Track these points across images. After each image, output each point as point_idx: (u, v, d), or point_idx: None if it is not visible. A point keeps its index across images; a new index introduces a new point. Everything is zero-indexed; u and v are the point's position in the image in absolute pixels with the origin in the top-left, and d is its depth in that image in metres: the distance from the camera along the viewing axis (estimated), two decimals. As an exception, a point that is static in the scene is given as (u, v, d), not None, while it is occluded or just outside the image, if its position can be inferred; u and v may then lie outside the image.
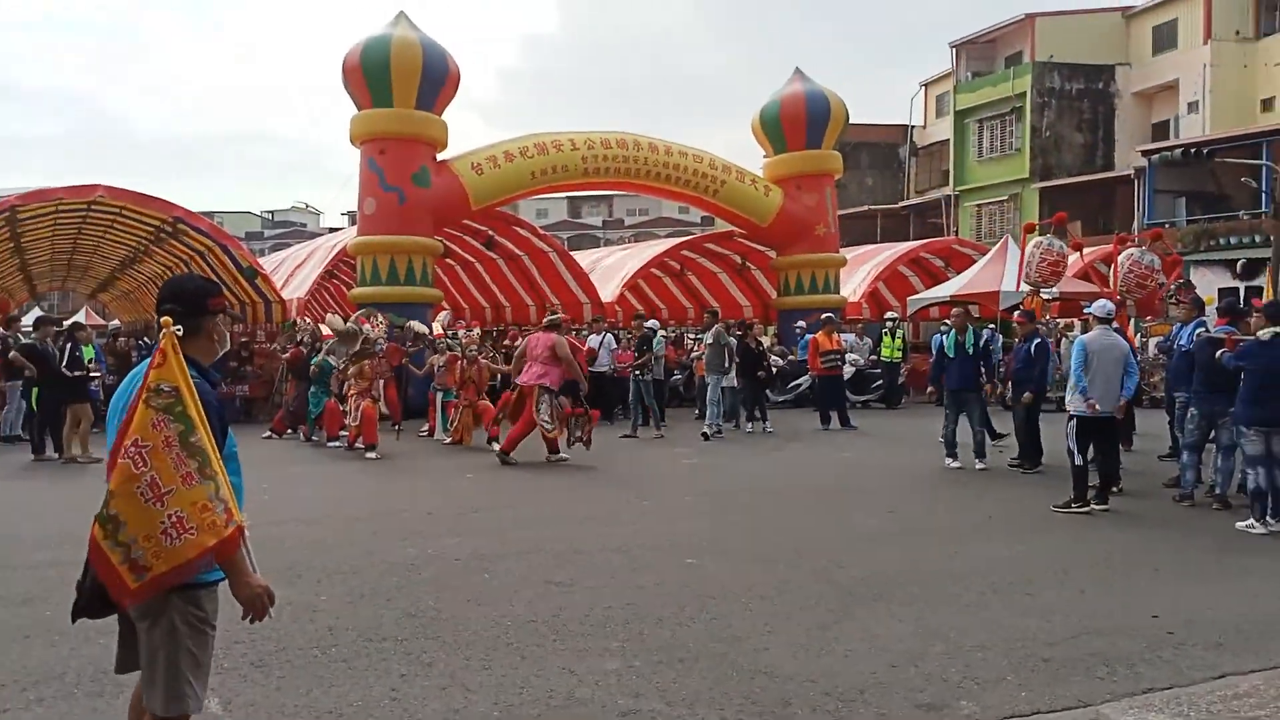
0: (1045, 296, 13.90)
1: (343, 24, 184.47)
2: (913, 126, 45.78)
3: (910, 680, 4.80)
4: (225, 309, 3.38)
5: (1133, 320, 15.14)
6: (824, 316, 18.05)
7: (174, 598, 3.05)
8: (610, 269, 25.18)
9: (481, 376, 14.46)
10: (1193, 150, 23.84)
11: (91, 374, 13.78)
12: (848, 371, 18.49)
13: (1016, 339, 11.89)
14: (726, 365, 16.10)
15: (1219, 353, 8.90)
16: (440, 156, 19.21)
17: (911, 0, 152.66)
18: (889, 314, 22.99)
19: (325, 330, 15.56)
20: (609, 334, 17.92)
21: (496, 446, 12.60)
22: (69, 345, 13.41)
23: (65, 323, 17.33)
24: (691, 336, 23.52)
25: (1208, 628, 5.59)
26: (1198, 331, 9.94)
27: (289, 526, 8.45)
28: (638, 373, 15.75)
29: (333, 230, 45.29)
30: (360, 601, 6.17)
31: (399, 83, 18.14)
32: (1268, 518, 8.11)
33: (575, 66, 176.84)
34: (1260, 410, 8.20)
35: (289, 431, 15.56)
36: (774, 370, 18.18)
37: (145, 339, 17.93)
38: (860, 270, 25.79)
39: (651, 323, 17.86)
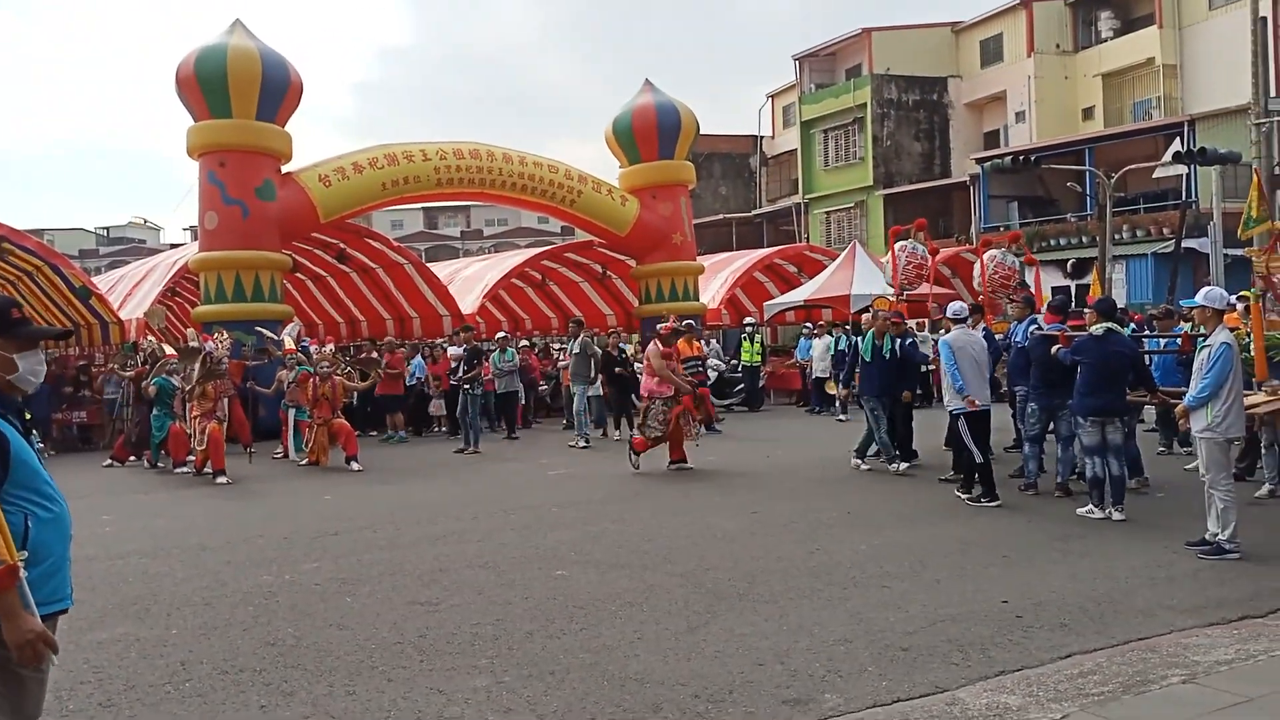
0: (894, 299, 14.42)
1: (177, 28, 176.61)
2: (761, 137, 46.93)
3: (776, 677, 4.89)
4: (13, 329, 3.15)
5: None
6: (684, 323, 18.25)
7: None
8: (470, 280, 24.88)
9: (336, 394, 14.04)
10: (1022, 157, 25.14)
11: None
12: (709, 377, 18.74)
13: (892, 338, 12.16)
14: (592, 374, 16.13)
15: (1054, 348, 9.40)
16: (286, 168, 18.63)
17: (755, 14, 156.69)
18: (747, 319, 23.47)
19: (169, 350, 14.84)
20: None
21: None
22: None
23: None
24: (557, 346, 23.48)
25: (1054, 610, 5.88)
26: (1031, 329, 10.49)
27: (134, 560, 8.02)
28: (466, 386, 15.50)
29: (174, 246, 43.36)
30: (214, 633, 5.90)
31: (237, 93, 17.50)
32: (1109, 507, 8.56)
33: (431, 79, 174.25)
34: (1095, 400, 8.64)
35: (132, 458, 14.78)
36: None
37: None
38: (718, 277, 26.24)
39: (501, 333, 17.84)
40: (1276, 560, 6.99)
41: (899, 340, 11.77)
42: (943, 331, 11.72)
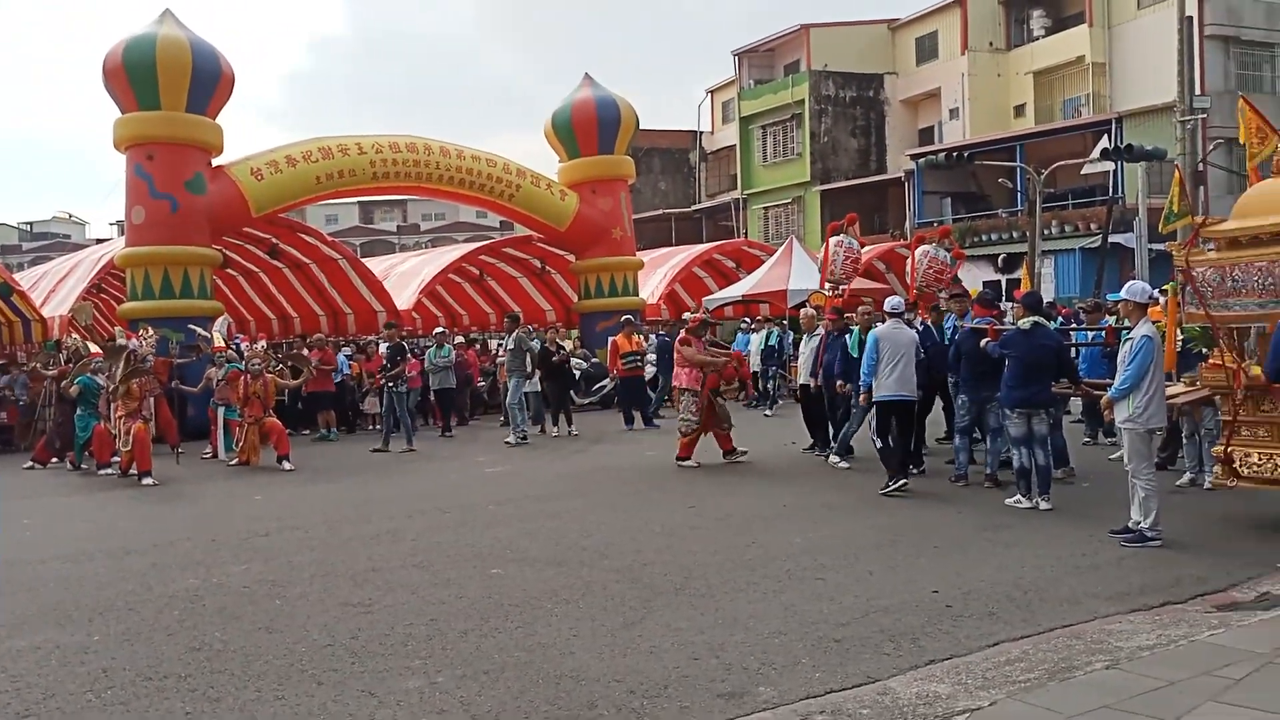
0: (829, 293, 14.52)
1: (103, 18, 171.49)
2: (701, 132, 47.10)
3: (712, 671, 4.90)
4: None
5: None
6: (623, 319, 18.28)
7: None
8: (406, 275, 24.60)
9: (268, 392, 13.78)
10: (955, 154, 25.59)
11: None
12: (648, 372, 18.76)
13: (828, 332, 12.19)
14: (529, 370, 16.05)
15: (983, 342, 9.55)
16: (216, 161, 18.24)
17: (694, 9, 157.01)
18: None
19: (94, 348, 14.45)
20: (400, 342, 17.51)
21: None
22: None
23: None
24: (495, 342, 23.31)
25: (982, 599, 5.98)
26: (959, 323, 10.63)
27: (54, 564, 7.79)
28: (390, 384, 15.32)
29: (100, 241, 42.31)
30: (138, 639, 5.76)
31: (166, 84, 17.09)
32: (1036, 497, 8.70)
33: (365, 69, 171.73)
34: (1022, 393, 8.81)
35: (54, 460, 14.36)
36: (574, 372, 18.21)
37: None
38: (657, 272, 26.28)
39: (438, 329, 17.71)
40: (1197, 548, 7.18)
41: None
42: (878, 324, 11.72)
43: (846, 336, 11.63)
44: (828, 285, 13.89)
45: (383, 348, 17.00)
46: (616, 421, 17.21)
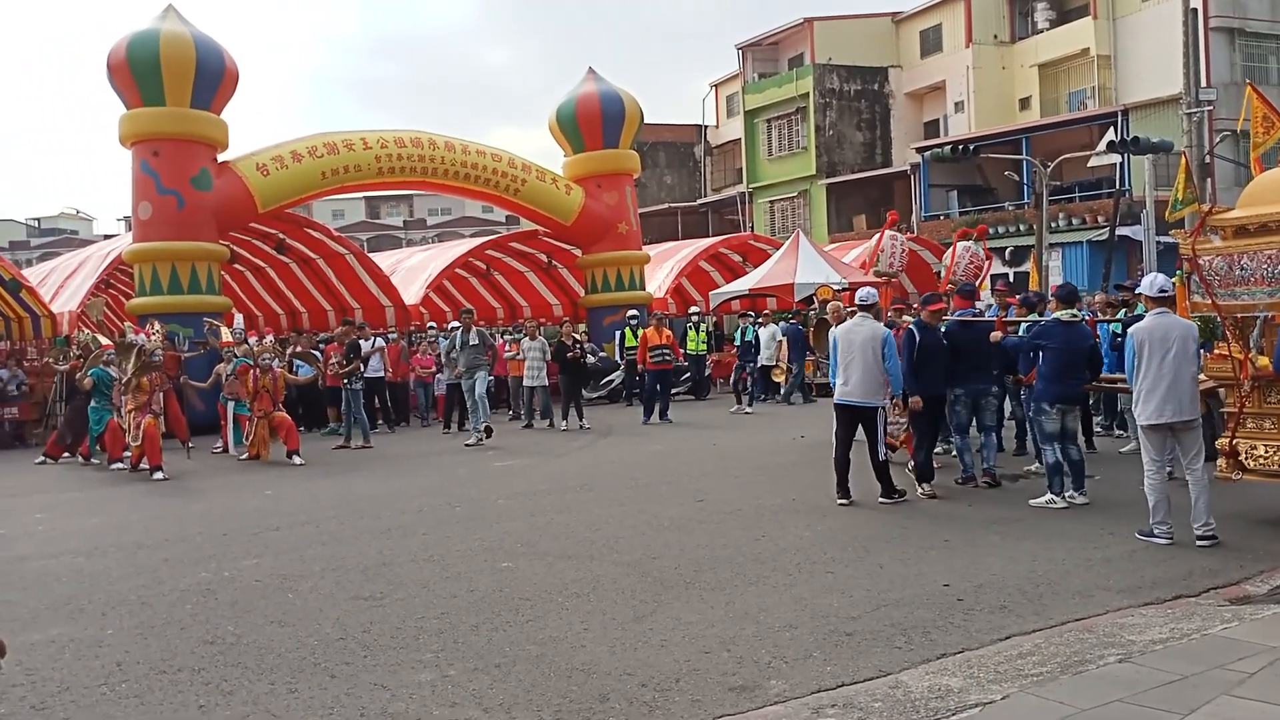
0: (837, 286, 14.58)
1: (109, 11, 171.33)
2: (706, 126, 47.01)
3: (723, 664, 4.91)
4: None
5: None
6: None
7: None
8: (413, 270, 24.61)
9: (277, 386, 13.80)
10: (961, 147, 25.53)
11: None
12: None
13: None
14: (535, 366, 16.11)
15: (993, 335, 9.45)
16: (222, 157, 18.28)
17: (697, 2, 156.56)
18: (693, 308, 23.52)
19: (104, 341, 14.50)
20: (377, 338, 17.48)
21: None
22: None
23: None
24: (508, 337, 23.30)
25: (993, 593, 5.97)
26: (946, 316, 10.35)
27: (67, 559, 7.83)
28: (346, 381, 15.25)
29: (108, 237, 42.40)
30: (151, 633, 5.78)
31: (171, 80, 17.15)
32: (1068, 491, 8.46)
33: (369, 65, 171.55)
34: (1060, 388, 8.54)
35: (65, 455, 14.41)
36: (586, 363, 18.18)
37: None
38: (664, 267, 26.27)
39: (454, 323, 17.71)
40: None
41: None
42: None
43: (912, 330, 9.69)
44: (873, 274, 14.14)
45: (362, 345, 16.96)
46: (625, 414, 17.22)
